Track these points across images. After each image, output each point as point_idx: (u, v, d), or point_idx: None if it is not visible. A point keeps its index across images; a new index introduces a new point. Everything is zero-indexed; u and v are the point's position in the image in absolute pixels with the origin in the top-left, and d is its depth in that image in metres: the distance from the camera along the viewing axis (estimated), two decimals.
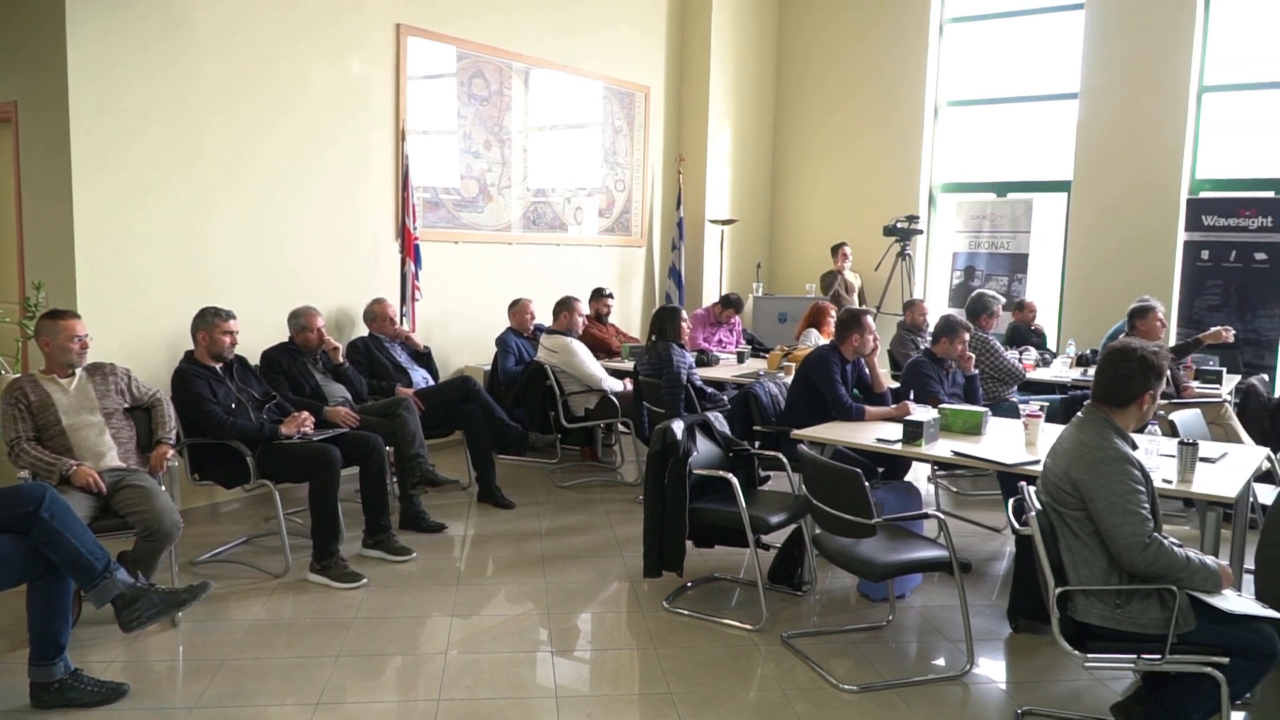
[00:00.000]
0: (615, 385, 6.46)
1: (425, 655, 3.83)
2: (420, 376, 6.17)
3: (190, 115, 5.64)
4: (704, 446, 4.40)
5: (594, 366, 6.44)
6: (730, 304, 8.00)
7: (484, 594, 4.54)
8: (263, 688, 3.51)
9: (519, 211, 8.00)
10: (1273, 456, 4.32)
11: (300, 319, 5.48)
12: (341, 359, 5.61)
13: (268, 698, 3.44)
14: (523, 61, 7.87)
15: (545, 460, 6.89)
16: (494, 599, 4.49)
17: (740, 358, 7.24)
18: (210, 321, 4.68)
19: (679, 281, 9.46)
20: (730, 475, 4.16)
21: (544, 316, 7.00)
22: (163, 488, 4.08)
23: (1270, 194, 8.20)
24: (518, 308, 7.02)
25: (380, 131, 6.79)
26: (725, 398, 6.03)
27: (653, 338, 6.00)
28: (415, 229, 6.85)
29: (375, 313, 6.19)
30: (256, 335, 5.46)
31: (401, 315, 6.70)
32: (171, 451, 4.26)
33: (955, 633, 4.03)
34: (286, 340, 5.51)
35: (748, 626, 4.11)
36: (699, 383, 6.03)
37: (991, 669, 3.83)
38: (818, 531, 4.00)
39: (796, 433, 4.58)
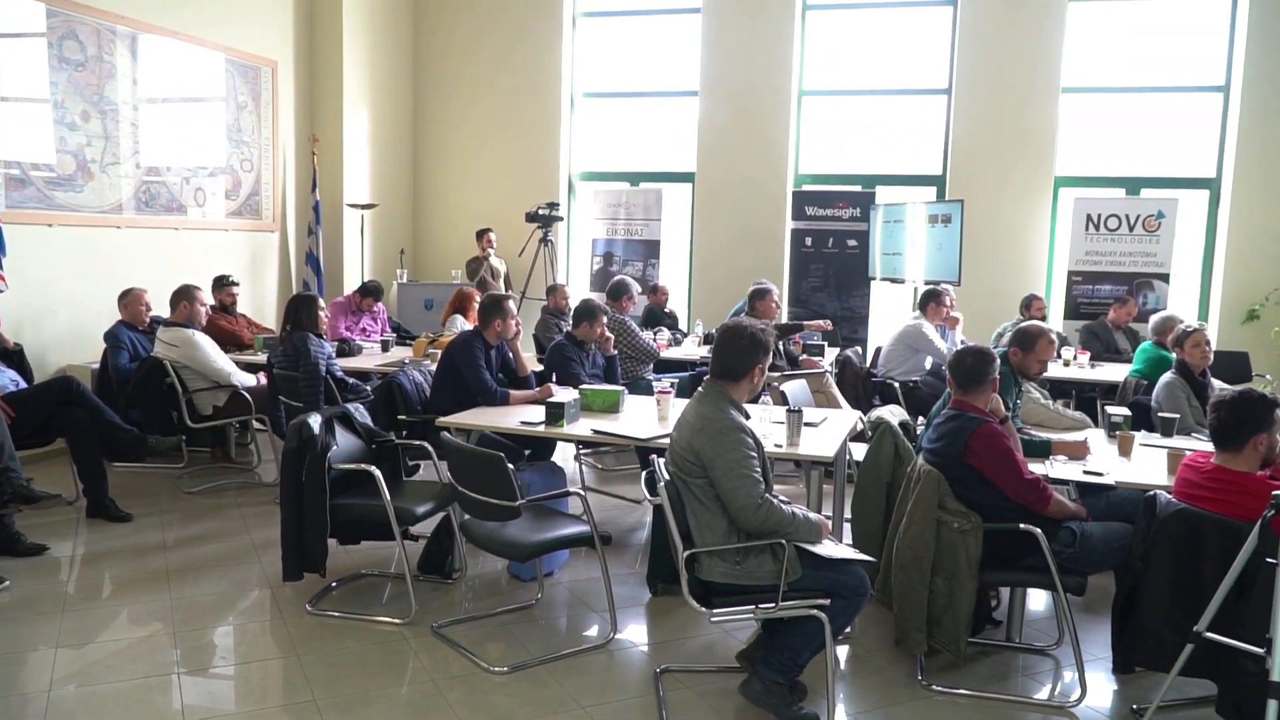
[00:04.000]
0: (247, 379, 6.04)
1: (28, 695, 3.37)
2: (8, 379, 5.39)
3: None
4: (344, 440, 4.23)
5: (221, 360, 5.97)
6: (369, 292, 7.76)
7: (99, 619, 4.07)
8: None
9: (129, 191, 7.22)
10: (864, 418, 4.90)
11: None
12: None
13: None
14: (127, 25, 7.09)
15: (170, 465, 6.30)
16: (112, 623, 4.04)
17: (385, 346, 7.05)
18: None
19: (317, 268, 9.03)
20: (373, 468, 4.04)
21: (161, 307, 6.37)
22: None
23: (859, 188, 9.33)
24: (130, 298, 6.33)
25: None
26: (368, 388, 5.84)
27: (287, 328, 5.68)
28: None
29: None
30: None
31: None
32: None
33: (601, 603, 4.20)
34: None
35: (397, 620, 4.02)
36: (339, 374, 5.79)
37: (634, 633, 4.04)
38: (466, 518, 3.99)
39: (441, 420, 4.54)
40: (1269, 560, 2.61)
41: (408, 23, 10.26)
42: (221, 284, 7.14)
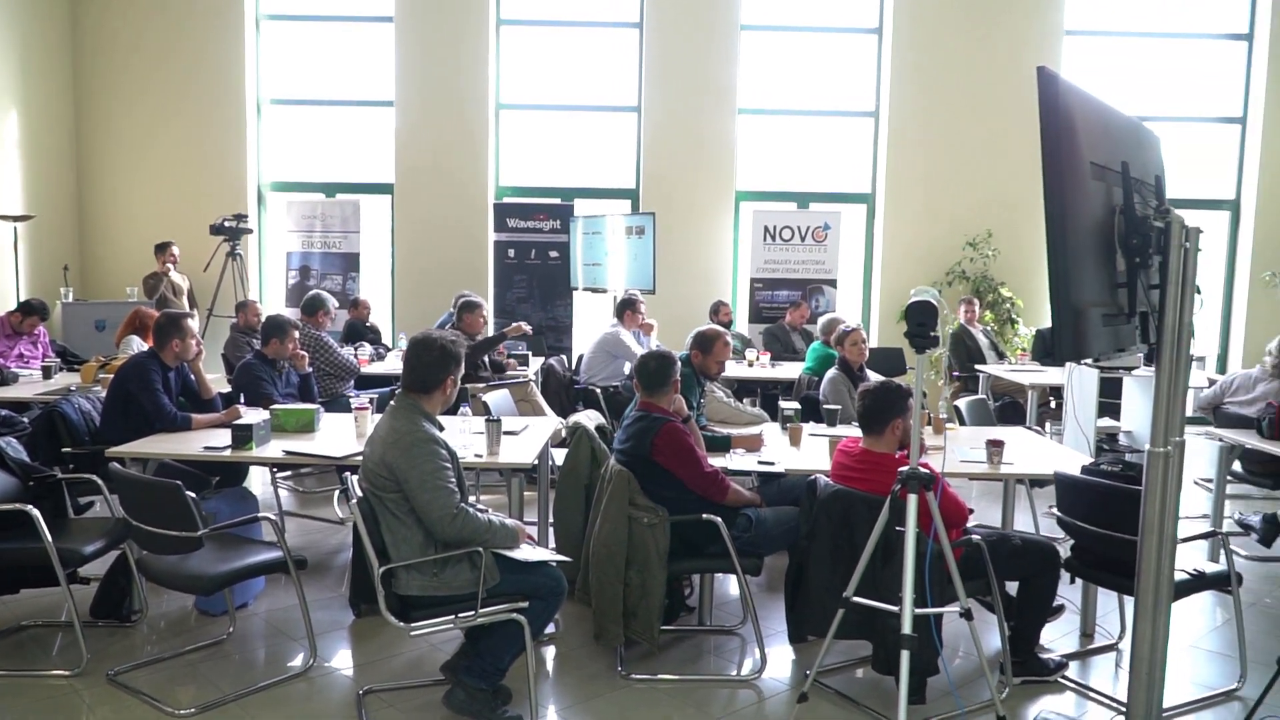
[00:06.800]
0: None
1: None
2: None
3: None
4: None
5: None
6: (32, 311, 7.00)
7: None
8: None
9: None
10: (565, 423, 5.06)
11: None
12: None
13: None
14: None
15: None
16: None
17: (47, 372, 6.39)
18: None
19: None
20: (29, 507, 3.66)
21: None
22: None
23: (558, 201, 9.57)
24: None
25: None
26: (25, 420, 5.26)
27: None
28: None
29: None
30: None
31: None
32: None
33: (300, 630, 4.05)
34: None
35: (66, 672, 3.68)
36: None
37: (337, 658, 3.94)
38: (144, 554, 3.72)
39: (112, 450, 4.20)
40: (898, 528, 3.00)
41: (64, 17, 9.32)
42: None
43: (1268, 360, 5.60)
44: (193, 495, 3.42)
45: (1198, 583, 3.62)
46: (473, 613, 3.13)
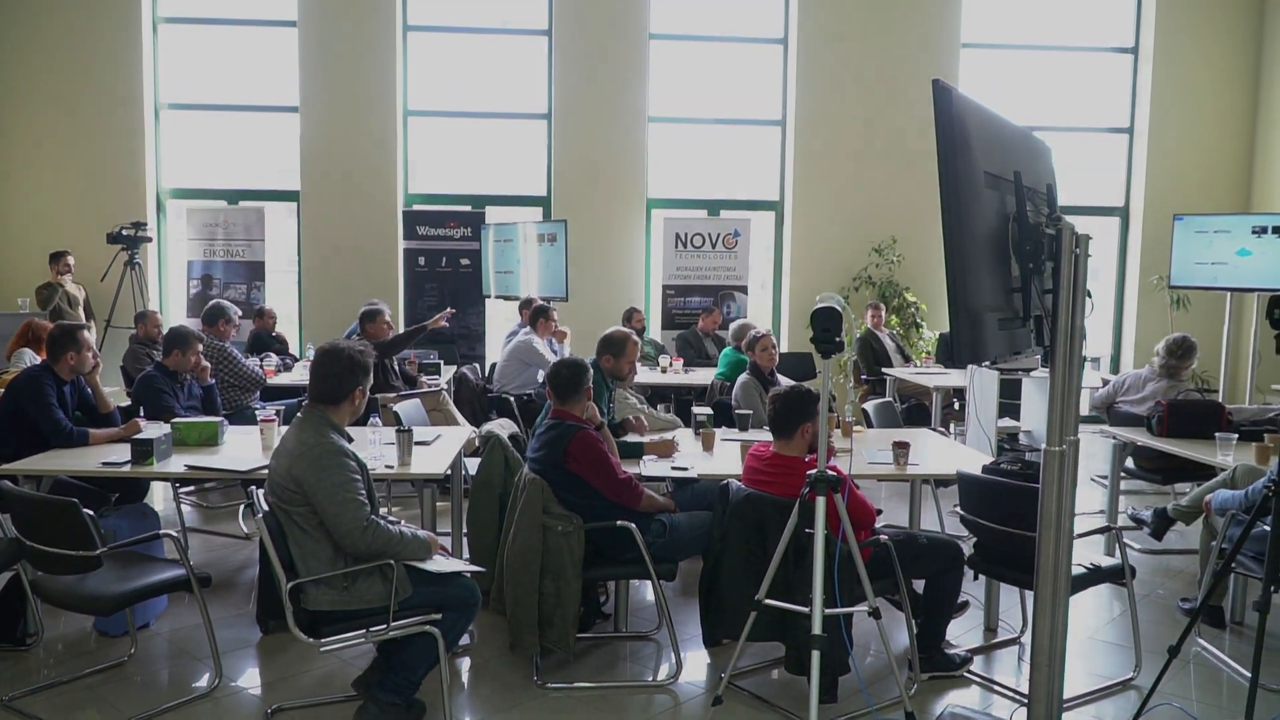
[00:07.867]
0: None
1: None
2: None
3: None
4: None
5: None
6: None
7: None
8: None
9: None
10: (477, 431, 5.03)
11: None
12: None
13: None
14: None
15: None
16: None
17: None
18: None
19: None
20: None
21: None
22: None
23: (469, 208, 9.50)
24: None
25: None
26: None
27: None
28: None
29: None
30: None
31: None
32: None
33: (205, 650, 3.93)
34: None
35: None
36: None
37: (244, 677, 3.84)
38: (39, 574, 3.58)
39: (3, 468, 4.03)
40: (808, 530, 3.05)
41: None
42: None
43: (1156, 360, 5.86)
44: (90, 513, 3.30)
45: (1094, 576, 3.76)
46: (385, 626, 3.09)
